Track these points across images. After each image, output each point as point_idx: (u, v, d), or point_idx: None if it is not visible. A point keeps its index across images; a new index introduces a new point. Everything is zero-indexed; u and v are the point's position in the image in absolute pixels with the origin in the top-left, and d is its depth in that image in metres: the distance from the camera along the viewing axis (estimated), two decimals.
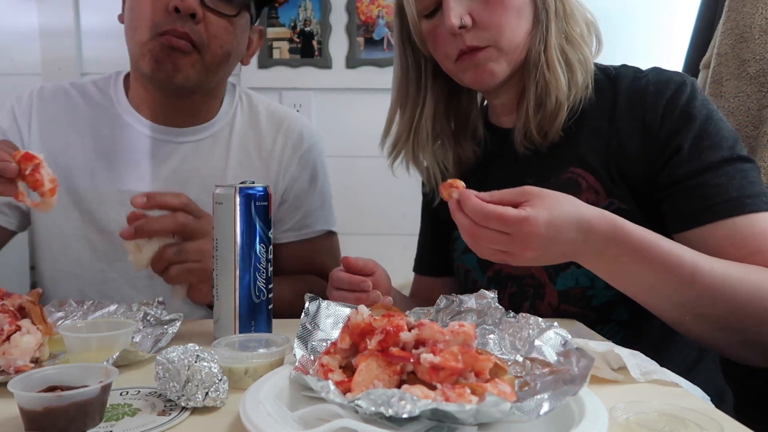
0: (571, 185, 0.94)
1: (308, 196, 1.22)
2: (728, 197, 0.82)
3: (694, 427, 0.51)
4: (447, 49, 0.95)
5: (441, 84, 1.05)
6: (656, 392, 0.63)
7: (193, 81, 1.04)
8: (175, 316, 0.81)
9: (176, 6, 0.98)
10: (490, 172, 1.07)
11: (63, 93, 1.16)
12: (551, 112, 0.94)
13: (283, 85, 1.93)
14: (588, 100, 0.96)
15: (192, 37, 1.00)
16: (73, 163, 1.11)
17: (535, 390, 0.55)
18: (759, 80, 1.23)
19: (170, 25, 0.99)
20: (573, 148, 0.96)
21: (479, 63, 0.94)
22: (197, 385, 0.57)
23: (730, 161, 0.85)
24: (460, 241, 1.08)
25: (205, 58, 1.03)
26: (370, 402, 0.47)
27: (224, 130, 1.17)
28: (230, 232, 0.79)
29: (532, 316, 0.65)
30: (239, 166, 1.15)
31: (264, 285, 0.80)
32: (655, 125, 0.89)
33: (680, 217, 0.86)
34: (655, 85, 0.91)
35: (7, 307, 0.71)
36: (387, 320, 0.57)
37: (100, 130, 1.12)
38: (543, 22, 0.93)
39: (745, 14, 1.25)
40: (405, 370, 0.54)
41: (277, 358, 0.66)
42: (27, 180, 0.77)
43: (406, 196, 1.94)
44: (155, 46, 1.00)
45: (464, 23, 0.91)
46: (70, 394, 0.52)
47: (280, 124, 1.21)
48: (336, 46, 1.93)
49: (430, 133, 1.05)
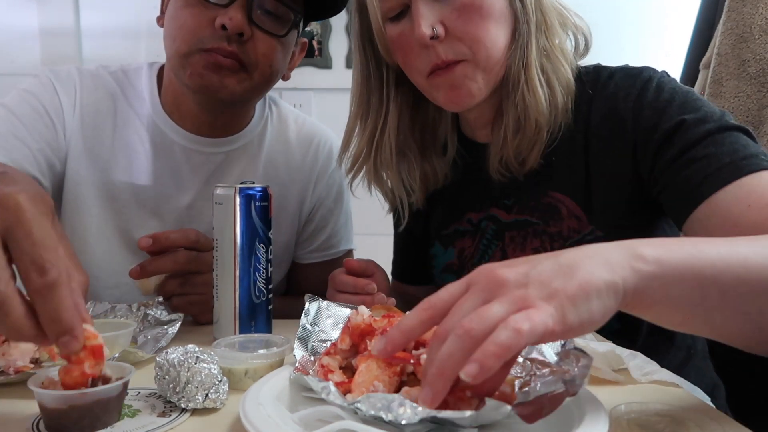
0: (551, 210, 0.89)
1: (333, 215, 1.19)
2: (720, 165, 0.74)
3: (694, 427, 0.51)
4: (417, 62, 0.85)
5: (405, 93, 0.95)
6: (656, 392, 0.63)
7: (237, 97, 1.00)
8: (175, 317, 0.81)
9: (224, 23, 0.92)
10: (463, 192, 1.00)
11: (102, 79, 1.08)
12: (530, 137, 0.87)
13: (283, 85, 1.93)
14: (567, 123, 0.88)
15: (240, 56, 0.95)
16: (109, 154, 1.04)
17: (535, 390, 0.55)
18: (759, 80, 1.24)
19: (216, 42, 0.93)
20: (548, 171, 0.90)
21: (455, 81, 0.84)
22: (197, 387, 0.56)
23: (717, 131, 0.77)
24: (438, 259, 1.03)
25: (254, 77, 0.98)
26: (369, 405, 0.47)
27: (254, 142, 1.12)
28: (230, 232, 0.79)
29: None
30: (268, 183, 1.11)
31: (264, 285, 0.80)
32: (627, 135, 0.83)
33: (678, 202, 0.78)
34: (623, 88, 0.86)
35: None
36: (387, 321, 0.58)
37: (134, 127, 1.06)
38: (523, 36, 0.84)
39: (745, 14, 1.25)
40: (405, 371, 0.54)
41: (277, 359, 0.66)
42: (70, 373, 0.52)
43: None
44: (198, 60, 0.95)
45: (436, 33, 0.81)
46: (94, 392, 0.52)
47: (310, 141, 1.17)
48: (336, 46, 1.93)
49: (393, 149, 0.94)
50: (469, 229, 0.99)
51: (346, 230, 1.22)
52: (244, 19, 0.93)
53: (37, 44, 1.95)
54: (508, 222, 0.94)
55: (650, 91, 0.83)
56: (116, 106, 1.06)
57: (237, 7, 0.93)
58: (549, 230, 0.90)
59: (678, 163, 0.78)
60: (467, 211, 0.99)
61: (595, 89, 0.88)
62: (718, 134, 0.77)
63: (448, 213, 1.02)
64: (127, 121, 1.06)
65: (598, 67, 0.92)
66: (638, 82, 0.85)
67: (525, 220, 0.92)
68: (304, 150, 1.16)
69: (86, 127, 1.04)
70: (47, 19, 1.97)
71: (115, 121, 1.06)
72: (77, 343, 0.50)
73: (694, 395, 0.63)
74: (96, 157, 1.04)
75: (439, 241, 1.03)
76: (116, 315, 0.85)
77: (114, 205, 1.05)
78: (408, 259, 1.16)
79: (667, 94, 0.82)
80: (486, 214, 0.97)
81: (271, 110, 1.17)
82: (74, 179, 1.03)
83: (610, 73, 0.89)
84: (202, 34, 0.94)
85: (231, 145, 1.10)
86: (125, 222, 1.05)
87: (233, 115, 1.09)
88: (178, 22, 0.96)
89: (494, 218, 0.96)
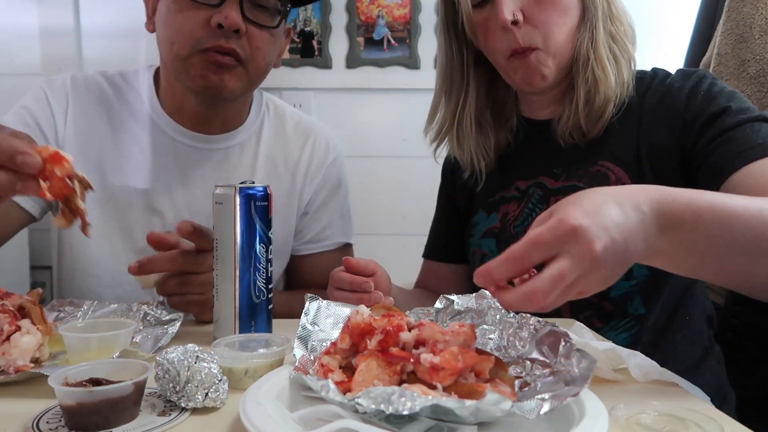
0: (599, 177, 0.96)
1: (329, 208, 1.21)
2: (754, 144, 0.84)
3: (694, 427, 0.51)
4: (498, 44, 0.97)
5: (481, 72, 1.06)
6: (656, 392, 0.63)
7: (238, 93, 1.03)
8: (175, 316, 0.81)
9: (219, 22, 0.95)
10: (515, 161, 1.08)
11: (96, 85, 1.11)
12: (598, 108, 0.96)
13: (283, 85, 1.93)
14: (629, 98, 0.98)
15: (238, 52, 0.98)
16: (106, 158, 1.07)
17: (535, 390, 0.55)
18: (759, 80, 1.24)
19: (214, 41, 0.96)
20: (604, 142, 0.98)
21: (530, 66, 0.96)
22: (197, 386, 0.57)
23: (755, 120, 0.87)
24: (480, 226, 1.08)
25: (250, 70, 1.01)
26: (370, 400, 0.47)
27: (252, 139, 1.15)
28: (230, 232, 0.79)
29: (532, 316, 0.64)
30: (267, 177, 1.13)
31: (264, 285, 0.80)
32: (678, 114, 0.93)
33: (712, 174, 0.87)
34: (678, 81, 0.96)
35: (7, 307, 0.70)
36: (387, 320, 0.58)
37: (132, 128, 1.09)
38: (591, 20, 0.96)
39: (745, 14, 1.25)
40: (405, 370, 0.54)
41: (277, 358, 0.66)
42: (53, 185, 0.64)
43: (406, 196, 1.95)
44: (198, 61, 0.98)
45: (516, 18, 0.92)
46: (102, 390, 0.52)
47: (307, 136, 1.19)
48: (336, 46, 1.93)
49: (473, 120, 1.06)
50: (515, 195, 1.06)
51: (342, 223, 1.23)
52: (239, 16, 0.96)
53: (37, 44, 1.95)
54: (555, 188, 1.01)
55: (704, 85, 0.94)
56: (111, 110, 1.09)
57: (230, 4, 0.96)
58: None
59: (717, 141, 0.88)
60: (516, 179, 1.06)
61: (652, 81, 0.99)
62: (757, 122, 0.87)
63: (498, 181, 1.09)
64: (125, 123, 1.09)
65: (655, 68, 1.03)
66: (694, 78, 0.96)
67: (572, 186, 0.98)
68: (301, 144, 1.19)
69: (81, 133, 1.07)
70: (47, 19, 1.96)
71: (112, 124, 1.08)
72: (32, 156, 0.60)
73: (694, 395, 0.63)
74: (95, 160, 1.06)
75: (484, 208, 1.09)
76: (116, 315, 0.85)
77: (115, 205, 1.07)
78: (446, 233, 1.21)
79: (717, 89, 0.93)
80: (534, 181, 1.04)
81: (267, 107, 1.20)
82: None
83: (667, 73, 1.01)
84: (199, 35, 0.96)
85: (229, 142, 1.13)
86: (126, 221, 1.07)
87: (231, 111, 1.11)
88: (174, 26, 0.98)
89: (542, 185, 1.03)
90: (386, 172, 1.91)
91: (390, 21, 1.93)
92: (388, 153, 1.90)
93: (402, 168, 1.90)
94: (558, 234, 0.55)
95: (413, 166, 1.89)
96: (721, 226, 0.64)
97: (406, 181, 1.90)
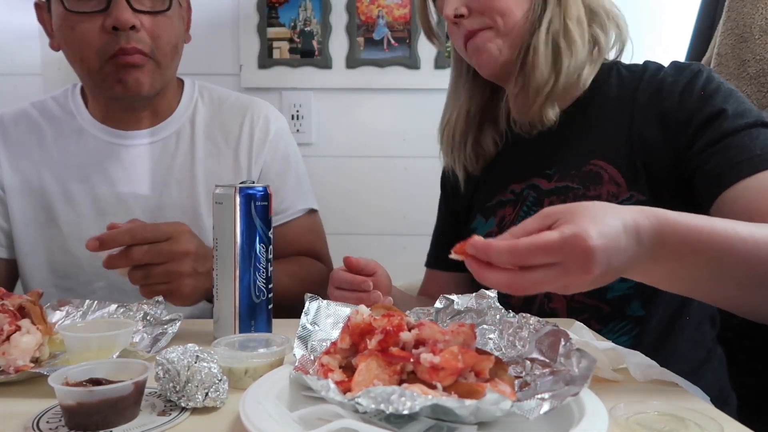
0: (591, 177, 0.95)
1: (283, 179, 1.22)
2: (752, 154, 0.81)
3: (694, 427, 0.51)
4: (455, 39, 1.03)
5: (481, 82, 1.09)
6: (656, 392, 0.63)
7: (158, 86, 1.08)
8: (175, 316, 0.81)
9: (113, 24, 0.99)
10: (508, 165, 1.09)
11: (24, 116, 1.17)
12: (531, 97, 0.97)
13: (283, 85, 1.92)
14: (602, 92, 0.98)
15: (141, 48, 1.02)
16: (47, 183, 1.12)
17: (535, 390, 0.55)
18: (759, 80, 1.24)
19: (116, 45, 1.00)
20: (594, 139, 0.97)
21: (478, 45, 0.98)
22: (197, 386, 0.57)
23: (753, 125, 0.84)
24: (478, 232, 1.08)
25: (159, 60, 1.05)
26: (370, 399, 0.47)
27: (186, 125, 1.18)
28: (230, 232, 0.79)
29: (532, 316, 0.65)
30: (209, 157, 1.17)
31: (264, 285, 0.80)
32: (672, 112, 0.90)
33: (709, 183, 0.85)
34: (672, 75, 0.93)
35: (7, 307, 0.71)
36: (387, 320, 0.58)
37: (66, 145, 1.14)
38: (538, 8, 0.96)
39: (745, 14, 1.25)
40: (405, 370, 0.54)
41: (277, 358, 0.66)
42: None
43: (406, 197, 1.94)
44: (111, 69, 1.02)
45: (459, 13, 0.96)
46: (102, 390, 0.52)
47: (244, 112, 1.22)
48: (336, 46, 1.93)
49: (465, 125, 1.10)
50: (511, 198, 1.06)
51: (300, 191, 1.25)
52: (128, 12, 1.00)
53: (37, 44, 1.94)
54: (548, 189, 1.01)
55: (699, 80, 0.91)
56: (42, 134, 1.15)
57: (117, 4, 0.99)
58: (589, 194, 0.94)
59: (714, 148, 0.85)
60: (510, 183, 1.06)
61: (644, 75, 0.96)
62: (754, 129, 0.84)
63: (494, 185, 1.10)
64: (57, 142, 1.14)
65: (647, 61, 1.00)
66: (688, 72, 0.92)
67: (565, 186, 0.98)
68: (240, 120, 1.21)
69: (15, 165, 1.13)
70: None
71: (45, 145, 1.14)
72: None
73: (694, 395, 0.63)
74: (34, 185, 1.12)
75: (482, 213, 1.10)
76: (116, 315, 0.85)
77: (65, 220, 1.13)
78: (446, 241, 1.19)
79: (714, 86, 0.90)
80: (528, 183, 1.04)
81: (201, 94, 1.23)
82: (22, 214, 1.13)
83: (660, 66, 0.98)
84: (101, 43, 1.01)
85: (163, 132, 1.17)
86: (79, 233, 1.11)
87: (156, 103, 1.15)
88: (76, 44, 1.03)
89: (535, 187, 1.02)
90: (386, 172, 1.90)
91: (390, 21, 1.93)
92: (388, 153, 1.90)
93: (402, 168, 1.90)
94: (569, 249, 0.55)
95: (413, 166, 1.88)
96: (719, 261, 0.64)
97: (406, 181, 1.90)
